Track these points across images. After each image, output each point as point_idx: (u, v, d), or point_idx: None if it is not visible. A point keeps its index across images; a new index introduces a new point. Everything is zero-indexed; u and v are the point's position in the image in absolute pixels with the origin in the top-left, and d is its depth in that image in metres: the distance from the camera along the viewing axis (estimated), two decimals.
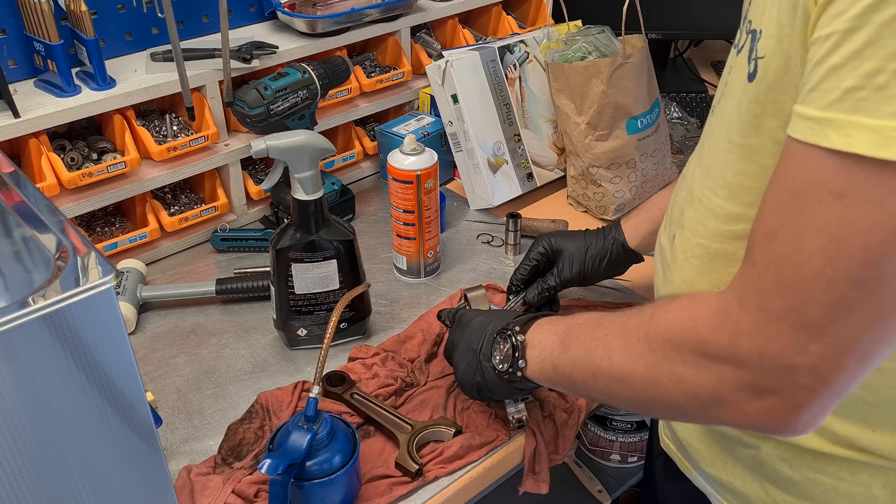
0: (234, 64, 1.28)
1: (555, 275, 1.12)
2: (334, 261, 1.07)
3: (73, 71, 1.21)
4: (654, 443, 1.04)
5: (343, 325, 1.12)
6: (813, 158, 0.54)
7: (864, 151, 0.51)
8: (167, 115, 1.33)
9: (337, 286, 1.09)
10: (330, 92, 1.38)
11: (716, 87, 1.93)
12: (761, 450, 0.79)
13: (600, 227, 1.15)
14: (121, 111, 1.23)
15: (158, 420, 0.85)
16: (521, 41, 1.48)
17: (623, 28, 1.39)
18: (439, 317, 1.06)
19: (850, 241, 0.53)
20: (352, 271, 1.09)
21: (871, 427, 0.71)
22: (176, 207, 1.36)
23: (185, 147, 1.27)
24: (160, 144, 1.25)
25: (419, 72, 1.56)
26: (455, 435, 0.98)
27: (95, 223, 1.32)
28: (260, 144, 1.01)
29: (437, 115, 1.47)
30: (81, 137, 1.27)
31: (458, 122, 1.41)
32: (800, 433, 0.61)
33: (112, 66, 1.26)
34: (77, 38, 1.19)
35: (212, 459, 0.95)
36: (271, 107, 1.24)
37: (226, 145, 1.33)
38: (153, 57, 1.28)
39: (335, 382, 1.05)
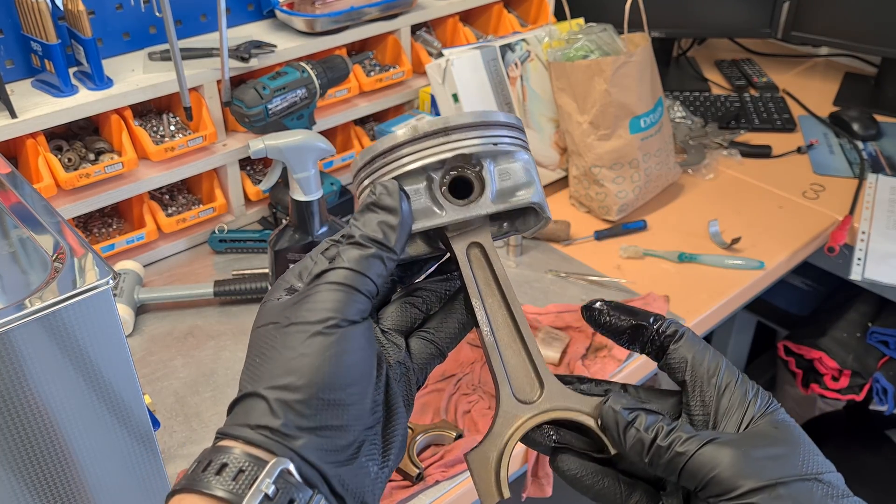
0: (233, 63, 1.27)
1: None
2: None
3: (71, 71, 1.20)
4: None
5: None
6: None
7: None
8: (165, 115, 1.32)
9: None
10: (329, 91, 1.37)
11: (719, 85, 1.93)
12: None
13: None
14: (118, 111, 1.22)
15: (156, 423, 0.84)
16: (523, 39, 1.47)
17: (626, 26, 1.38)
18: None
19: None
20: None
21: None
22: (173, 208, 1.35)
23: (182, 147, 1.26)
24: (158, 145, 1.24)
25: (419, 71, 1.55)
26: (456, 438, 0.97)
27: (92, 224, 1.31)
28: (258, 144, 1.00)
29: (438, 114, 1.46)
30: (79, 138, 1.26)
31: None
32: None
33: (109, 66, 1.25)
34: (74, 37, 1.18)
35: None
36: (269, 106, 1.23)
37: (224, 145, 1.32)
38: (151, 56, 1.27)
39: None
